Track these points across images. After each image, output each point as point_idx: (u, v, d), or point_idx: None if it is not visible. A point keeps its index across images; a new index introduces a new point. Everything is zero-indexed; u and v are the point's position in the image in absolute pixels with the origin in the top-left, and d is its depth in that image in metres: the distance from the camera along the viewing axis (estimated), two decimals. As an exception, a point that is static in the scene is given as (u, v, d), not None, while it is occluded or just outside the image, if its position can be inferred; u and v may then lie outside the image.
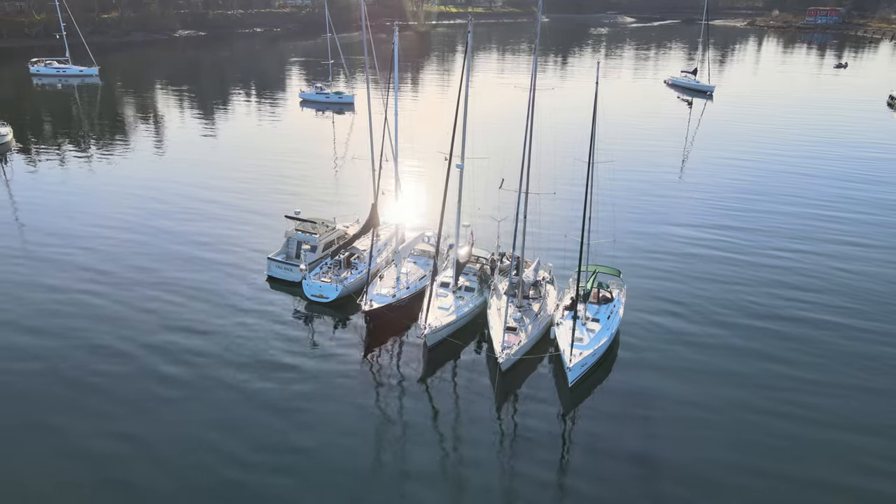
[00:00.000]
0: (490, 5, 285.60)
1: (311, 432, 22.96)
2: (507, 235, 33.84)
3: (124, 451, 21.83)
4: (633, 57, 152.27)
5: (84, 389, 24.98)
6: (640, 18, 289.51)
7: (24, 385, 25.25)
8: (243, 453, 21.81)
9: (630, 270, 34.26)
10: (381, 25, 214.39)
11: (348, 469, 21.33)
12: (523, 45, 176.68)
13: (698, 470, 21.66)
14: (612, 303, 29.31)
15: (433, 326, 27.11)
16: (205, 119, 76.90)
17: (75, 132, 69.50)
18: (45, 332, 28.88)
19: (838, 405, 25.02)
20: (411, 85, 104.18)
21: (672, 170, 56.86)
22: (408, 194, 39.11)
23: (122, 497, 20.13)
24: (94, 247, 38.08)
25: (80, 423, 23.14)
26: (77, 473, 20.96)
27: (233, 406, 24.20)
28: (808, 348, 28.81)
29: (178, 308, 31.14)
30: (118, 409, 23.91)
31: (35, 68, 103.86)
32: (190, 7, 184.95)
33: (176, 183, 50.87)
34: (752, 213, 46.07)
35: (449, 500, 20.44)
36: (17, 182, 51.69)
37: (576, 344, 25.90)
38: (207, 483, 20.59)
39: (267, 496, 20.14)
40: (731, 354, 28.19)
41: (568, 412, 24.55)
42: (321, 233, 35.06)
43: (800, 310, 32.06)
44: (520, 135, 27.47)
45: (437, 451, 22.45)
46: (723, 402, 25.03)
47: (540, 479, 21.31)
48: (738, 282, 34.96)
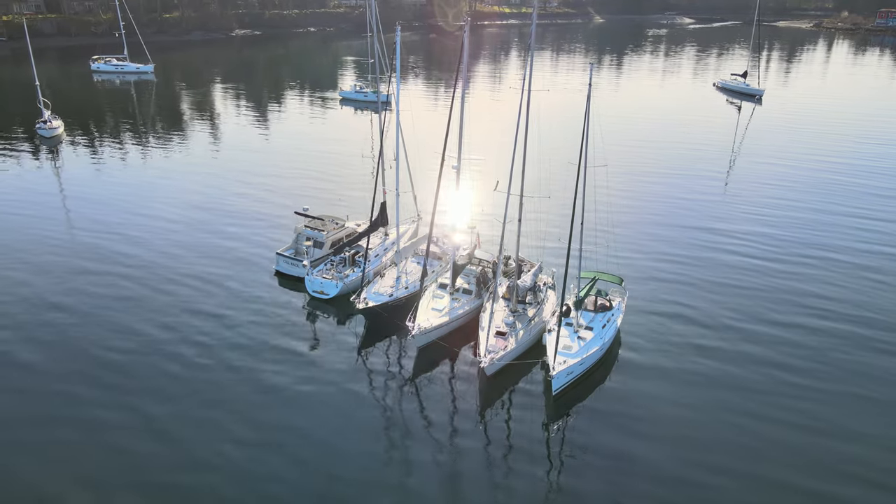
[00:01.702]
0: (545, 6, 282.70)
1: (294, 414, 24.05)
2: (511, 238, 33.57)
3: (129, 420, 23.55)
4: (685, 59, 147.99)
5: (101, 363, 26.98)
6: (699, 19, 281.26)
7: (48, 354, 27.50)
8: (235, 427, 23.30)
9: (650, 275, 33.41)
10: (432, 25, 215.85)
11: (328, 453, 22.07)
12: (575, 46, 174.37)
13: (676, 498, 20.90)
14: (611, 311, 28.54)
15: (422, 328, 27.04)
16: (249, 116, 79.05)
17: (126, 126, 72.62)
18: (73, 307, 31.25)
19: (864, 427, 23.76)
20: (445, 85, 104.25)
21: (705, 175, 54.96)
22: (422, 194, 39.15)
23: (121, 459, 21.90)
24: (128, 233, 40.51)
25: (94, 392, 25.20)
26: (83, 437, 22.85)
27: (229, 385, 25.60)
28: (819, 367, 27.41)
29: (193, 293, 32.89)
30: (129, 383, 25.73)
31: (95, 65, 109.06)
32: (248, 7, 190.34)
33: (213, 175, 53.20)
34: (787, 219, 44.47)
35: (409, 494, 20.46)
36: (67, 171, 54.85)
37: (563, 352, 25.37)
38: (201, 451, 22.21)
39: (253, 467, 21.55)
40: (734, 375, 27.02)
41: (550, 422, 24.03)
42: (329, 230, 35.52)
43: (824, 321, 30.58)
44: (564, 139, 27.01)
45: (412, 448, 22.50)
46: (721, 430, 23.63)
47: (508, 487, 21.01)
48: (758, 291, 33.60)
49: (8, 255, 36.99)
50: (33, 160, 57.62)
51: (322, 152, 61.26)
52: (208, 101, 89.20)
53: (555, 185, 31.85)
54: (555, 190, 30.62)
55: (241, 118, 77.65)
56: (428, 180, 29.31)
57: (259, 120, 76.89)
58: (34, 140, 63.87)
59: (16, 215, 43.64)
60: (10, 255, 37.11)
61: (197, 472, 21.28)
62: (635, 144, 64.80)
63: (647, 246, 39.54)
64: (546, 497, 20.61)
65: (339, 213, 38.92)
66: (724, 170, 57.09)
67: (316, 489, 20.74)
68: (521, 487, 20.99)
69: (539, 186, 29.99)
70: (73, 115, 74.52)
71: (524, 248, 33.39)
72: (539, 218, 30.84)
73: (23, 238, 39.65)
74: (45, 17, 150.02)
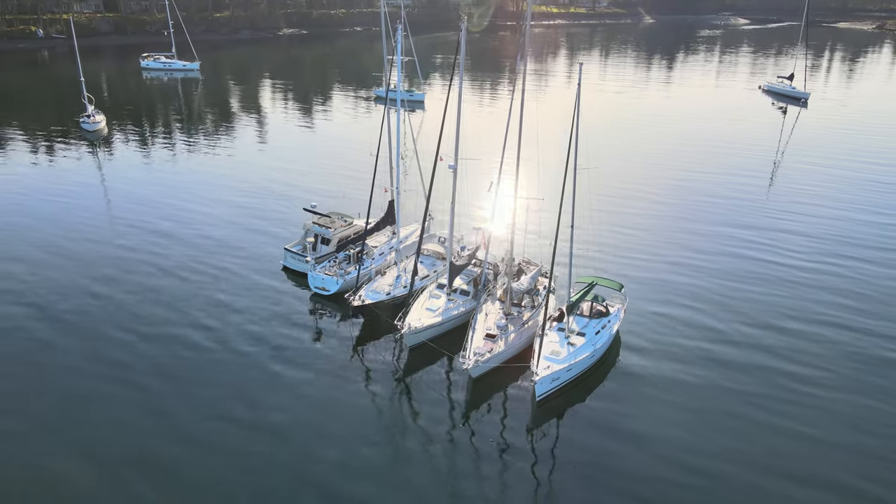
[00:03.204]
0: (593, 6, 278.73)
1: (283, 400, 24.95)
2: (517, 240, 33.23)
3: (140, 394, 25.24)
4: (734, 61, 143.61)
5: (115, 341, 28.70)
6: (755, 20, 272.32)
7: (69, 330, 29.58)
8: (233, 403, 24.73)
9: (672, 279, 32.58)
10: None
11: (306, 445, 22.48)
12: (622, 48, 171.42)
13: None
14: (607, 318, 27.93)
15: (412, 327, 27.04)
16: (286, 113, 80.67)
17: (167, 121, 75.26)
18: (99, 288, 33.40)
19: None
20: (476, 86, 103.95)
21: (741, 178, 53.38)
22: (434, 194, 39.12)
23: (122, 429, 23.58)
24: (160, 222, 42.55)
25: (100, 369, 26.82)
26: (89, 406, 24.59)
27: (228, 369, 26.83)
28: (830, 377, 26.22)
29: (209, 281, 34.35)
30: (139, 362, 27.25)
31: (145, 62, 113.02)
32: (296, 7, 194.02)
33: (249, 168, 55.46)
34: (825, 225, 43.42)
35: (376, 488, 20.54)
36: (105, 163, 57.34)
37: (550, 357, 24.97)
38: (202, 421, 23.76)
39: (249, 439, 22.94)
40: (735, 391, 26.09)
41: (532, 428, 23.69)
42: (336, 227, 35.90)
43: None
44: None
45: (389, 446, 22.57)
46: (713, 448, 22.77)
47: (480, 491, 20.81)
48: (780, 298, 32.54)
49: (47, 239, 39.70)
50: (75, 152, 60.22)
51: (348, 149, 62.09)
52: (250, 98, 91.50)
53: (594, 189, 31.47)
54: (592, 195, 30.28)
55: (278, 115, 79.24)
56: (448, 181, 29.51)
57: (295, 117, 78.36)
58: (77, 134, 66.68)
59: (56, 202, 46.53)
60: (49, 238, 39.82)
61: (187, 444, 22.62)
62: (673, 147, 64.09)
63: (673, 247, 39.33)
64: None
65: (352, 211, 39.25)
66: (761, 173, 55.53)
67: (291, 470, 21.25)
68: (492, 493, 20.77)
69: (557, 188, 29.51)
70: (119, 111, 77.59)
71: (532, 251, 33.12)
72: (548, 220, 30.31)
73: (62, 222, 42.43)
74: (103, 17, 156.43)
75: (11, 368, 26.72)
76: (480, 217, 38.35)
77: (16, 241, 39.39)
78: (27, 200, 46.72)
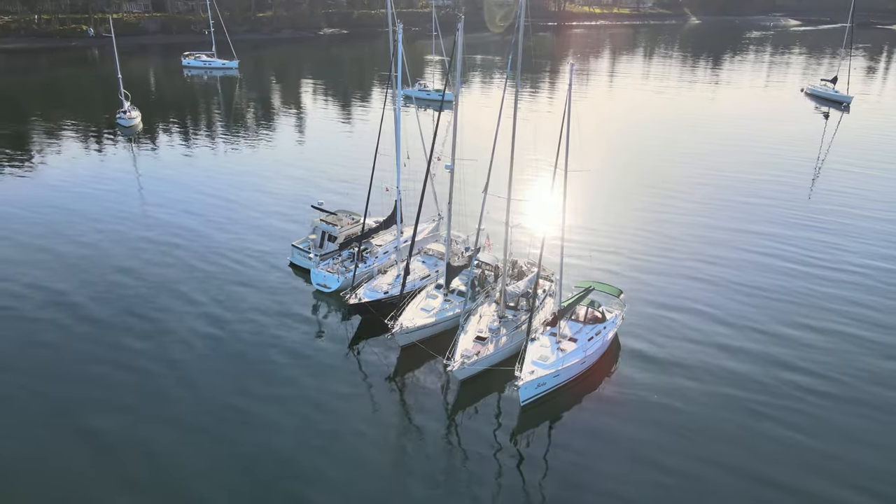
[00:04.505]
0: (637, 6, 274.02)
1: (272, 392, 25.56)
2: (518, 242, 33.05)
3: (156, 370, 26.87)
4: (780, 63, 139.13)
5: (139, 322, 30.52)
6: (806, 21, 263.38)
7: (96, 306, 31.82)
8: (225, 393, 25.59)
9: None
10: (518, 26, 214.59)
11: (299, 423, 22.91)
12: (667, 49, 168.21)
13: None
14: (602, 324, 27.44)
15: (404, 327, 27.08)
16: (318, 111, 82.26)
17: (202, 117, 77.48)
18: (129, 269, 35.80)
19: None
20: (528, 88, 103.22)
21: (773, 182, 51.97)
22: (442, 194, 39.12)
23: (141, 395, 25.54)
24: (186, 213, 44.21)
25: (134, 343, 28.89)
26: (124, 379, 26.35)
27: (227, 356, 27.91)
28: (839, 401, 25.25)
29: (223, 271, 35.69)
30: (144, 346, 28.70)
31: (186, 61, 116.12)
32: (337, 7, 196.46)
33: (277, 164, 56.97)
34: (862, 230, 42.28)
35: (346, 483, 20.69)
36: (138, 157, 59.55)
37: (538, 361, 24.68)
38: (211, 397, 25.25)
39: (251, 415, 24.28)
40: (726, 416, 25.35)
41: (516, 433, 23.46)
42: (343, 225, 36.24)
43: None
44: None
45: (370, 443, 22.73)
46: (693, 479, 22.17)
47: (453, 494, 20.73)
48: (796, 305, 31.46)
49: (82, 224, 42.41)
50: (111, 146, 62.62)
51: (367, 147, 62.78)
52: (285, 96, 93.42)
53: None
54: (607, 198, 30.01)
55: (311, 113, 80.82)
56: (460, 182, 29.72)
57: (328, 115, 79.68)
58: (114, 129, 69.05)
59: (92, 191, 49.17)
60: (84, 223, 42.48)
61: (176, 427, 23.73)
62: (709, 148, 63.61)
63: (693, 251, 38.92)
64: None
65: (360, 209, 39.54)
66: (795, 178, 54.25)
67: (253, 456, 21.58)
68: (470, 495, 20.65)
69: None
70: (157, 107, 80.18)
71: (533, 254, 32.75)
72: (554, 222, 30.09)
73: (97, 210, 44.97)
74: (151, 16, 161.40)
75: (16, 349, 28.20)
76: (486, 218, 38.12)
77: (52, 225, 42.02)
78: (65, 189, 49.49)
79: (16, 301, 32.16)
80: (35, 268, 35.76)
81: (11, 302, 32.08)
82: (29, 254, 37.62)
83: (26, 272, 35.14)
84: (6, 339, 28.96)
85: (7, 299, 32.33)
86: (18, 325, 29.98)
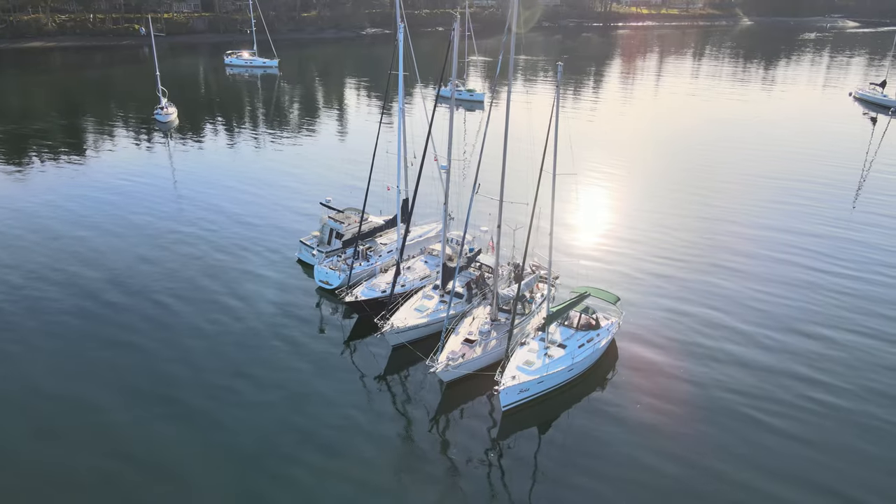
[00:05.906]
0: (686, 7, 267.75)
1: (263, 386, 25.99)
2: (520, 244, 32.62)
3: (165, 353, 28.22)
4: (833, 66, 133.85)
5: (152, 308, 31.93)
6: (865, 23, 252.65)
7: (114, 292, 33.53)
8: (222, 378, 26.58)
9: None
10: (559, 26, 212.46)
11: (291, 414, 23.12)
12: (714, 51, 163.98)
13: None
14: (595, 331, 26.89)
15: (395, 327, 27.11)
16: (350, 109, 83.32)
17: (238, 114, 79.47)
18: (152, 257, 37.59)
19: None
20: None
21: (811, 188, 50.12)
22: (454, 198, 39.05)
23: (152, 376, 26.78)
24: (203, 212, 45.24)
25: (143, 327, 30.28)
26: (135, 358, 27.79)
27: (228, 343, 28.91)
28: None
29: (234, 265, 36.65)
30: (146, 326, 30.31)
31: (228, 59, 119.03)
32: (380, 6, 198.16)
33: (306, 160, 58.62)
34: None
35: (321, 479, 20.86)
36: (172, 151, 61.68)
37: (522, 367, 24.35)
38: (212, 380, 26.32)
39: (247, 398, 25.27)
40: (723, 426, 24.58)
41: (497, 439, 23.18)
42: (350, 222, 36.55)
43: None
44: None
45: (352, 441, 22.87)
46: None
47: (430, 497, 20.67)
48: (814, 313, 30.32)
49: (114, 214, 44.43)
50: (147, 141, 64.93)
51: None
52: (324, 94, 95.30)
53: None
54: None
55: (346, 111, 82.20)
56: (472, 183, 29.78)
57: (364, 113, 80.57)
58: (151, 124, 71.36)
59: (123, 182, 51.50)
60: (116, 213, 44.68)
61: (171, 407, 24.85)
62: (747, 152, 62.76)
63: (723, 254, 38.44)
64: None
65: (371, 208, 39.77)
66: (834, 183, 53.04)
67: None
68: (446, 499, 20.56)
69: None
70: (196, 104, 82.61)
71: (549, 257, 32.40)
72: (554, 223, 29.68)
73: (130, 202, 47.06)
74: (199, 16, 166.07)
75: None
76: (489, 220, 37.89)
77: (87, 213, 44.44)
78: (102, 180, 52.10)
79: (37, 282, 34.23)
80: (61, 253, 37.95)
81: (33, 282, 34.11)
82: (56, 241, 39.62)
83: (51, 256, 37.40)
84: (27, 316, 30.77)
85: (30, 280, 34.37)
86: (39, 305, 31.80)
